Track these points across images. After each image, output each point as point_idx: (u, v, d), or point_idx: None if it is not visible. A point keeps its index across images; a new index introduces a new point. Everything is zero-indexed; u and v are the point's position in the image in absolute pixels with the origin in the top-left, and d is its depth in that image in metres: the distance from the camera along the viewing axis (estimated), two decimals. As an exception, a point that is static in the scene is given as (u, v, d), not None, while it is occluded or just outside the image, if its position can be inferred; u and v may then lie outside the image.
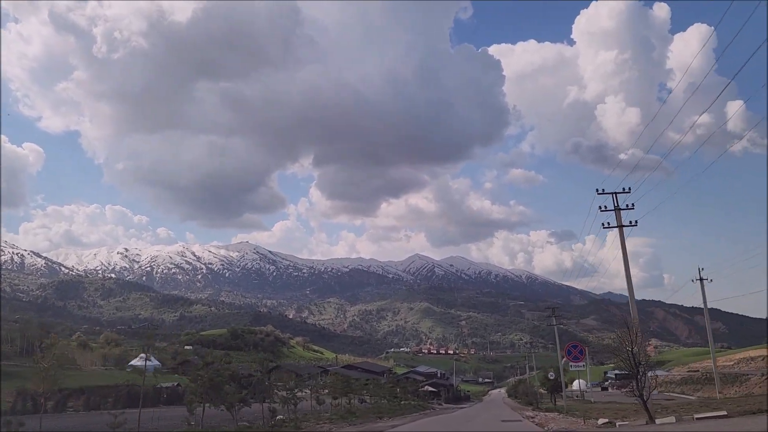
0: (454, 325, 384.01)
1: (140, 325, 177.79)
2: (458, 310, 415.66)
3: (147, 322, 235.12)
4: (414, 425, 32.90)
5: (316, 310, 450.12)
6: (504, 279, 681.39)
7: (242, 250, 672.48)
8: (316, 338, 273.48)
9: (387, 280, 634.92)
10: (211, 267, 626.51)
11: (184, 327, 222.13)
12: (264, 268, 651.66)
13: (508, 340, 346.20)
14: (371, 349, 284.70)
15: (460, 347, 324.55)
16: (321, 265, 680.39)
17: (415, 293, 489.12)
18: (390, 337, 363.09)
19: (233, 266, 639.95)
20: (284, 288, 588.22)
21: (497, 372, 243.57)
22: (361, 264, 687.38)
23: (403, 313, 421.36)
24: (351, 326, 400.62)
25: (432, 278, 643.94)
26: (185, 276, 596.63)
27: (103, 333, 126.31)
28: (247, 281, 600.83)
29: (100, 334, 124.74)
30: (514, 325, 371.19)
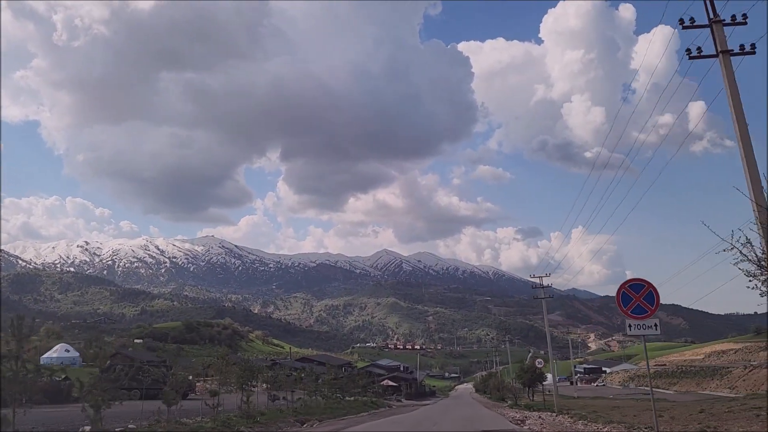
0: (421, 320, 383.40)
1: (96, 320, 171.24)
2: (425, 306, 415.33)
3: (104, 316, 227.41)
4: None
5: (282, 305, 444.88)
6: (471, 275, 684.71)
7: (207, 244, 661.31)
8: (282, 333, 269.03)
9: (354, 275, 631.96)
10: (175, 261, 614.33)
11: (145, 321, 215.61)
12: (230, 262, 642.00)
13: (475, 336, 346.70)
14: (337, 345, 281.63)
15: (427, 342, 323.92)
16: (288, 260, 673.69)
17: (382, 288, 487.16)
18: (356, 333, 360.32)
19: (198, 260, 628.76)
20: (250, 283, 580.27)
21: (464, 367, 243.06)
22: (328, 259, 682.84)
23: (370, 308, 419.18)
24: (317, 321, 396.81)
25: (399, 274, 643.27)
26: (148, 270, 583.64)
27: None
28: (212, 276, 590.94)
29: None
30: (481, 321, 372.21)
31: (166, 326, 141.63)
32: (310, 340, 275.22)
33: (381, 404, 53.77)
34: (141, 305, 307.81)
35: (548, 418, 30.06)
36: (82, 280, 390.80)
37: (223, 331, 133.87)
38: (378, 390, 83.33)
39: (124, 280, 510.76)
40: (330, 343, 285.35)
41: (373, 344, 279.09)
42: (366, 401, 50.39)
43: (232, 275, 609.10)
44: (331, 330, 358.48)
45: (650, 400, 38.47)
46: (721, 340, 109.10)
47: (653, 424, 16.59)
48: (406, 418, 36.23)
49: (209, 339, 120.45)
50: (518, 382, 67.45)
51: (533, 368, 58.88)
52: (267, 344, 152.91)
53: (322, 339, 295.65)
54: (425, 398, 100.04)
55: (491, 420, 31.59)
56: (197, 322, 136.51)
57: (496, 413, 38.54)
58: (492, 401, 68.56)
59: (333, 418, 32.22)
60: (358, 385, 59.51)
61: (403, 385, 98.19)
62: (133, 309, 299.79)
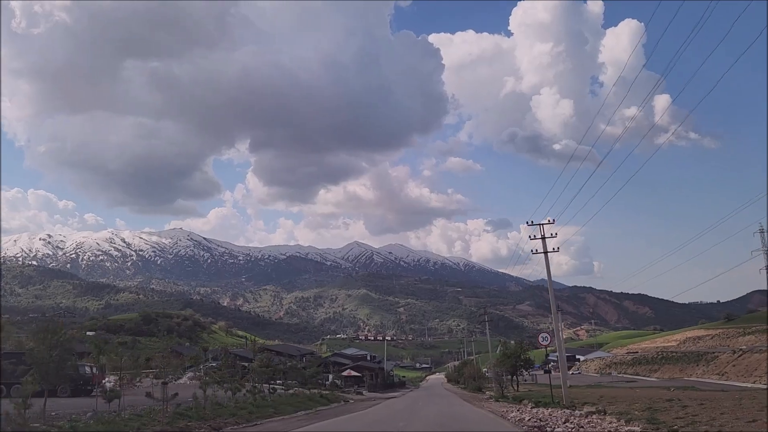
0: (392, 311, 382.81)
1: (55, 313, 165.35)
2: (397, 297, 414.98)
3: (63, 310, 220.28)
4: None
5: (251, 298, 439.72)
6: (442, 266, 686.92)
7: (175, 237, 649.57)
8: (251, 326, 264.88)
9: (325, 267, 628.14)
10: (141, 254, 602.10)
11: (110, 315, 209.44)
12: (198, 255, 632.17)
13: (446, 326, 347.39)
14: (307, 337, 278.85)
15: (399, 334, 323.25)
16: (258, 253, 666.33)
17: (353, 280, 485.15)
18: (327, 324, 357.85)
19: (165, 253, 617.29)
20: (219, 275, 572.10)
21: (435, 358, 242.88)
22: (298, 251, 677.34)
23: (341, 300, 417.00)
24: (287, 314, 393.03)
25: (371, 266, 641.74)
26: (114, 263, 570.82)
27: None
28: (180, 268, 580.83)
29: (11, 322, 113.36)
30: (452, 312, 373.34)
31: (121, 318, 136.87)
32: (280, 332, 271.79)
33: (335, 398, 46.51)
34: (105, 299, 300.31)
35: (580, 420, 20.15)
36: (44, 273, 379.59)
37: (183, 323, 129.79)
38: (336, 381, 76.90)
39: (88, 273, 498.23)
40: (300, 335, 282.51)
41: (344, 336, 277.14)
42: (313, 396, 42.39)
43: (200, 268, 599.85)
44: (301, 322, 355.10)
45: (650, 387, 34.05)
46: (691, 327, 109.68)
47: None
48: (359, 418, 28.99)
49: (168, 331, 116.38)
50: (498, 370, 58.77)
51: (519, 352, 51.80)
52: (231, 335, 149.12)
53: (292, 331, 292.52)
54: (393, 390, 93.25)
55: (480, 421, 24.52)
56: (155, 313, 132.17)
57: (481, 409, 32.19)
58: (469, 392, 63.46)
59: (249, 420, 23.90)
60: (303, 376, 50.36)
61: (367, 376, 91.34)
62: (97, 303, 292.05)
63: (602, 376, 64.03)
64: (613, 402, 26.62)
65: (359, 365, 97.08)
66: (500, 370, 57.75)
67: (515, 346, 55.33)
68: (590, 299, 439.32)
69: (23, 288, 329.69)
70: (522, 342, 56.52)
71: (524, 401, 33.94)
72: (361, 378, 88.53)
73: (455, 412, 30.32)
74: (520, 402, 34.62)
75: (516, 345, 55.48)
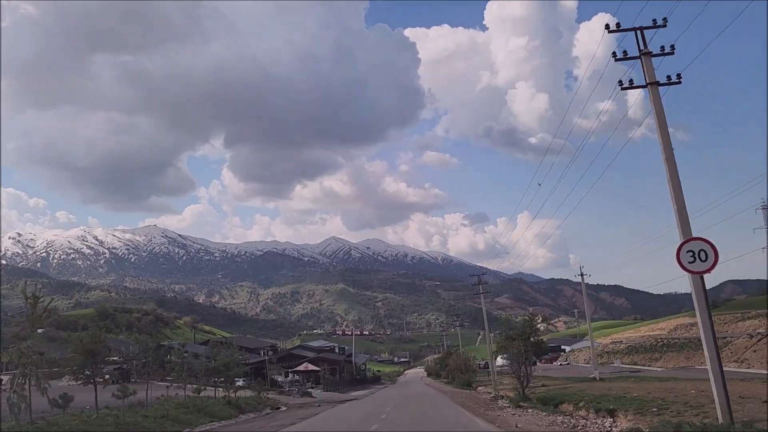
0: (370, 306, 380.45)
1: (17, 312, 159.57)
2: (375, 292, 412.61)
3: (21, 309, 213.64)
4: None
5: (227, 294, 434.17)
6: (420, 261, 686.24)
7: (150, 234, 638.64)
8: (226, 322, 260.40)
9: (302, 263, 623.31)
10: (114, 252, 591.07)
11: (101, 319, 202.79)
12: (173, 252, 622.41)
13: (425, 320, 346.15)
14: (284, 333, 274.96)
15: (377, 328, 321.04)
16: (234, 249, 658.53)
17: (330, 276, 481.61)
18: (305, 320, 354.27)
19: (139, 251, 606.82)
20: (194, 272, 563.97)
21: (414, 352, 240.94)
22: (275, 247, 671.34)
23: (318, 295, 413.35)
24: (264, 310, 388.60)
25: (348, 261, 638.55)
26: (86, 261, 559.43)
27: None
28: (155, 266, 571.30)
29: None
30: (431, 305, 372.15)
31: (76, 314, 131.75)
32: (256, 329, 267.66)
33: (252, 405, 33.99)
34: (76, 297, 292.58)
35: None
36: (11, 272, 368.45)
37: (144, 318, 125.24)
38: (278, 378, 67.90)
39: (59, 272, 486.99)
40: (277, 331, 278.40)
41: (321, 331, 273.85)
42: (203, 403, 28.34)
43: (175, 265, 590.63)
44: (278, 318, 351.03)
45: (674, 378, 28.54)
46: (675, 315, 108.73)
47: None
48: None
49: (127, 327, 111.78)
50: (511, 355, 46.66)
51: (529, 333, 40.47)
52: (196, 331, 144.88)
53: (269, 327, 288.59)
54: (362, 386, 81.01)
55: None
56: (113, 308, 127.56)
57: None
58: (456, 389, 53.65)
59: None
60: (215, 369, 37.89)
61: (328, 370, 77.10)
62: (67, 302, 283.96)
63: (602, 367, 60.73)
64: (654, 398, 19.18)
65: (321, 358, 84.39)
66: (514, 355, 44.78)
67: (523, 323, 45.35)
68: (567, 291, 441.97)
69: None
70: (533, 317, 44.47)
71: (565, 406, 22.54)
72: (316, 372, 75.30)
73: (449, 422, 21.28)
74: (557, 407, 22.84)
75: (524, 322, 44.52)
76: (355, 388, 74.76)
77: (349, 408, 35.57)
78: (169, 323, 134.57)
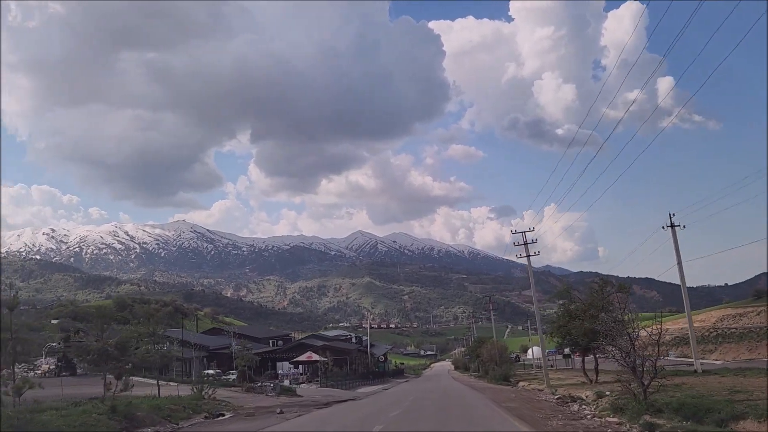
0: (396, 300, 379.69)
1: (48, 305, 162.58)
2: (401, 285, 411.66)
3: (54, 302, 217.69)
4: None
5: (255, 288, 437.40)
6: (447, 254, 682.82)
7: (179, 229, 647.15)
8: (254, 315, 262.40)
9: (329, 257, 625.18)
10: (145, 246, 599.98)
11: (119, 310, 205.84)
12: (201, 246, 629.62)
13: (452, 313, 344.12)
14: (311, 326, 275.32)
15: (403, 321, 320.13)
16: (261, 243, 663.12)
17: (357, 269, 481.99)
18: (331, 314, 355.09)
19: (169, 245, 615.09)
20: (222, 267, 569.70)
21: (441, 345, 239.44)
22: (302, 241, 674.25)
23: (345, 289, 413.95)
24: (291, 303, 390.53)
25: (375, 254, 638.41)
26: (117, 256, 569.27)
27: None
28: (184, 260, 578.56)
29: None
30: (458, 299, 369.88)
31: (93, 305, 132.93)
32: (283, 322, 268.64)
33: (172, 412, 23.61)
34: (106, 291, 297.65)
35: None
36: (45, 267, 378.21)
37: (162, 309, 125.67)
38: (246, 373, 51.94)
39: (92, 267, 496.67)
40: (303, 324, 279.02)
41: (347, 324, 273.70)
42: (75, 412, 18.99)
43: (204, 260, 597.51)
44: (305, 312, 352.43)
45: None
46: (716, 307, 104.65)
47: None
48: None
49: (146, 317, 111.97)
50: (556, 338, 36.94)
51: (600, 303, 28.74)
52: (216, 322, 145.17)
53: (296, 321, 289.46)
54: (378, 380, 71.85)
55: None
56: (132, 299, 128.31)
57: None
58: (490, 383, 46.23)
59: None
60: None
61: (333, 361, 65.14)
62: (97, 295, 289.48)
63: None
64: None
65: (327, 347, 73.40)
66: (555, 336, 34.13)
67: (591, 293, 32.55)
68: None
69: (24, 282, 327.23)
70: (604, 284, 31.76)
71: (746, 425, 13.02)
72: (314, 364, 63.50)
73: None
74: (722, 426, 13.26)
75: (595, 292, 31.95)
76: (367, 383, 65.62)
77: (325, 417, 24.54)
78: (189, 314, 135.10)
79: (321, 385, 54.95)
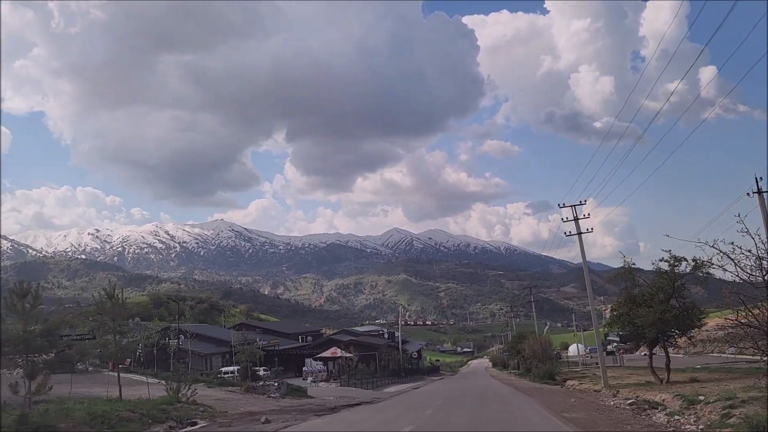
0: (432, 296, 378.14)
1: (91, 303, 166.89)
2: (437, 282, 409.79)
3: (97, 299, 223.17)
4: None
5: (291, 286, 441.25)
6: (483, 251, 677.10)
7: (217, 228, 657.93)
8: (290, 313, 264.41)
9: (365, 254, 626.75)
10: (185, 246, 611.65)
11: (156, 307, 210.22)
12: (239, 245, 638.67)
13: (489, 310, 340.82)
14: (347, 323, 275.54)
15: (439, 318, 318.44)
16: (298, 242, 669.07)
17: (393, 266, 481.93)
18: (368, 311, 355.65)
19: (208, 244, 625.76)
20: (260, 265, 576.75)
21: (478, 342, 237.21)
22: (338, 239, 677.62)
23: (381, 286, 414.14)
24: (328, 301, 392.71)
25: (410, 251, 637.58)
26: (158, 255, 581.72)
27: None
28: (222, 259, 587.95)
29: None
30: (494, 295, 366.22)
31: (129, 302, 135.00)
32: (320, 319, 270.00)
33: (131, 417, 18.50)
34: (148, 289, 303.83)
35: None
36: (90, 266, 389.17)
37: (198, 305, 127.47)
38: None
39: (134, 266, 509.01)
40: (340, 321, 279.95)
41: (383, 321, 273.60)
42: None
43: (242, 258, 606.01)
44: (341, 309, 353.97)
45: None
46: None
47: None
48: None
49: (180, 314, 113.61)
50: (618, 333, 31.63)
51: (675, 281, 26.45)
52: (251, 318, 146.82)
53: (332, 318, 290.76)
54: (409, 378, 67.88)
55: None
56: (167, 297, 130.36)
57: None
58: (533, 383, 42.50)
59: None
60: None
61: (358, 357, 60.67)
62: (139, 293, 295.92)
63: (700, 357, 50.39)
64: None
65: (354, 342, 69.55)
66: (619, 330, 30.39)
67: (659, 275, 27.78)
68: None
69: (70, 281, 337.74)
70: (677, 259, 26.20)
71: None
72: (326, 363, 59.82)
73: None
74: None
75: (663, 273, 27.11)
76: (397, 381, 61.15)
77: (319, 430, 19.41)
78: (224, 311, 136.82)
79: (342, 383, 50.66)
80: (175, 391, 23.36)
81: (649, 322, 26.50)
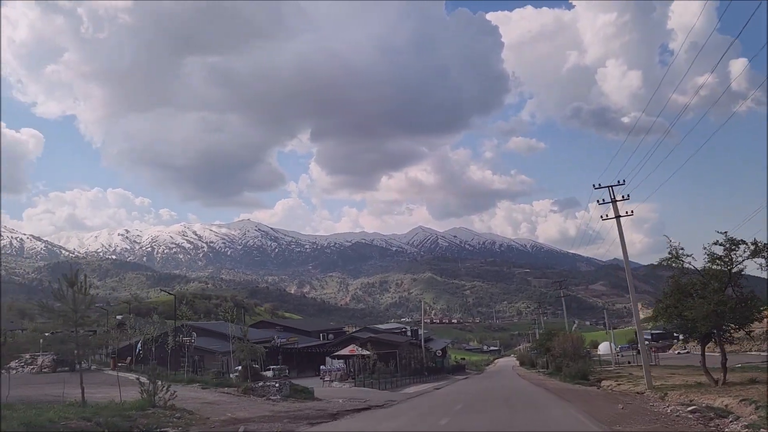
0: (458, 295, 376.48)
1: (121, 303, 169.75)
2: (462, 280, 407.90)
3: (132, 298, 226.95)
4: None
5: (317, 285, 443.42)
6: (509, 248, 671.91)
7: (244, 228, 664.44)
8: (316, 312, 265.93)
9: (390, 253, 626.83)
10: (212, 245, 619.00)
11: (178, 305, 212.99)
12: (266, 245, 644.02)
13: (515, 308, 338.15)
14: (373, 321, 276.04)
15: (465, 317, 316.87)
16: (324, 241, 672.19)
17: (418, 265, 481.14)
18: (393, 309, 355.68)
19: (235, 244, 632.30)
20: (286, 264, 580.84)
21: (504, 340, 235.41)
22: (364, 238, 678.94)
23: (407, 284, 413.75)
24: (353, 299, 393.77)
25: (435, 250, 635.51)
26: (186, 255, 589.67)
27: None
28: (249, 258, 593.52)
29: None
30: (521, 293, 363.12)
31: (155, 301, 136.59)
32: (346, 317, 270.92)
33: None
34: (176, 288, 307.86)
35: None
36: (120, 266, 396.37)
37: (223, 304, 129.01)
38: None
39: (163, 265, 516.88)
40: (366, 320, 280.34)
41: (409, 319, 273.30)
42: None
43: (268, 257, 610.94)
44: (367, 307, 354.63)
45: None
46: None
47: None
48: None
49: (206, 313, 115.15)
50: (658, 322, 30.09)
51: (731, 264, 24.31)
52: (275, 317, 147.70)
53: (358, 316, 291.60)
54: (433, 377, 64.79)
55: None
56: (193, 296, 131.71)
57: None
58: (565, 383, 39.87)
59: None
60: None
61: (376, 356, 55.29)
62: (168, 291, 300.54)
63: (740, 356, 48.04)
64: None
65: (373, 339, 66.04)
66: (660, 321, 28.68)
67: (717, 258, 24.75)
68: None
69: (101, 281, 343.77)
70: (734, 242, 24.14)
71: None
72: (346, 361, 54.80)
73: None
74: None
75: (717, 258, 24.68)
76: (418, 381, 57.67)
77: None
78: (249, 309, 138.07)
79: (357, 383, 46.86)
80: (151, 394, 19.76)
81: (702, 314, 23.43)
